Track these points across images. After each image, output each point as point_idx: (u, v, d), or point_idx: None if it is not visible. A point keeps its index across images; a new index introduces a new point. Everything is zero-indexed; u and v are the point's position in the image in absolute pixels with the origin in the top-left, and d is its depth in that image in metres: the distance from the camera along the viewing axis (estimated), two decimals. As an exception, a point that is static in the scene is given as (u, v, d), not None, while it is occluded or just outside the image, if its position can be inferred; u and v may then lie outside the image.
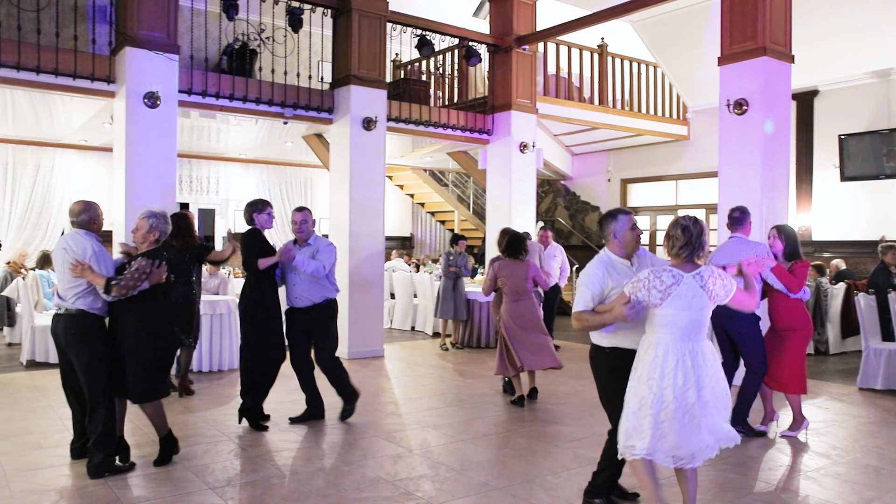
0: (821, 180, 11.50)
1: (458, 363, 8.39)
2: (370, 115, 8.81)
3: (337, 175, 9.12)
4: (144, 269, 4.20)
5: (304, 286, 5.45)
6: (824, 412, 6.20)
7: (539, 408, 6.19)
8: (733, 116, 7.35)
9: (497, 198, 10.79)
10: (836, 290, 9.52)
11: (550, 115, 11.61)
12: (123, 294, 4.13)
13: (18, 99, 8.88)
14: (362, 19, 8.82)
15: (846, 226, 11.21)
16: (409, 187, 16.38)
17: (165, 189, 7.38)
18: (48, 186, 12.06)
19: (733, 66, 7.40)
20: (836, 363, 8.82)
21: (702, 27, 10.85)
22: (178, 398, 6.34)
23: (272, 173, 14.49)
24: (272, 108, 8.72)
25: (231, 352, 7.69)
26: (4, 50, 6.94)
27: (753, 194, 7.15)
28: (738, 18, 7.37)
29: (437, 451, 4.87)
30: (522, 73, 10.68)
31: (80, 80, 7.36)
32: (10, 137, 11.52)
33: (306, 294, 5.46)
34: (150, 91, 7.19)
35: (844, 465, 4.69)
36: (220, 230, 14.09)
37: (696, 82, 12.22)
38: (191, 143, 12.24)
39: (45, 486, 4.07)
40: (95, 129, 10.42)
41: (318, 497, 3.97)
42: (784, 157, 7.48)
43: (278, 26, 9.50)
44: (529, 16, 10.78)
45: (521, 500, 3.96)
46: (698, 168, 12.95)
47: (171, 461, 4.49)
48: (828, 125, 11.33)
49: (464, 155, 12.91)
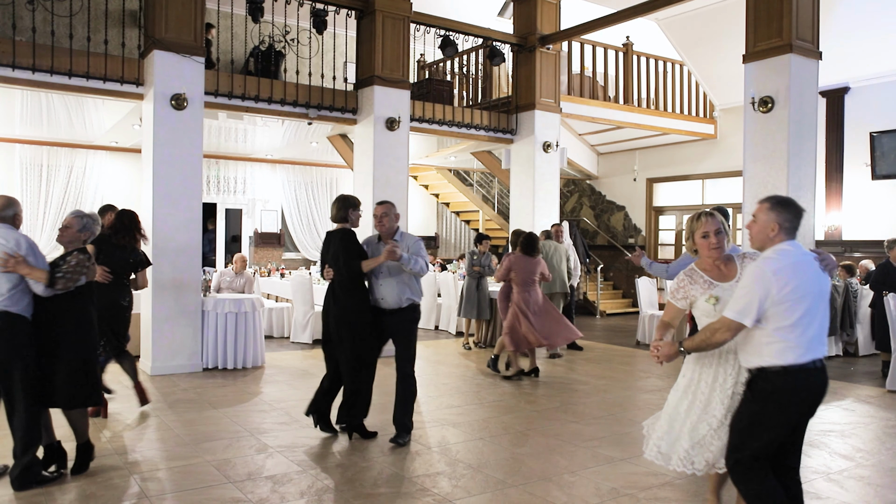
0: (851, 179, 11.28)
1: (480, 362, 8.40)
2: (393, 116, 8.88)
3: (361, 175, 9.20)
4: (83, 263, 4.04)
5: (390, 287, 4.98)
6: (850, 414, 6.10)
7: (559, 407, 6.19)
8: (759, 114, 7.27)
9: (521, 197, 10.79)
10: (865, 291, 9.33)
11: (575, 114, 11.57)
12: (69, 287, 3.95)
13: (53, 102, 9.11)
14: (386, 20, 8.89)
15: (877, 225, 10.98)
16: (434, 187, 16.43)
17: (192, 189, 7.52)
18: (81, 187, 12.34)
19: (758, 64, 7.31)
20: (865, 365, 8.66)
21: (729, 24, 10.71)
22: (140, 406, 5.84)
23: (298, 173, 14.65)
24: (297, 109, 8.82)
25: (255, 349, 7.80)
26: (39, 55, 7.14)
27: (779, 193, 7.04)
28: (764, 15, 7.28)
29: (455, 449, 4.90)
30: (546, 73, 10.67)
31: (110, 83, 7.53)
32: (45, 139, 11.82)
33: (394, 296, 4.98)
34: (177, 93, 7.33)
35: (868, 467, 4.61)
36: (247, 230, 14.29)
37: (723, 80, 12.08)
38: (219, 144, 12.44)
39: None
40: (126, 130, 10.65)
41: (336, 492, 4.03)
42: (811, 155, 7.37)
43: (303, 28, 9.62)
44: (553, 15, 10.77)
45: (537, 497, 3.97)
46: (726, 167, 12.80)
47: (89, 469, 4.27)
48: (859, 122, 11.12)
49: (488, 155, 12.93)
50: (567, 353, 9.12)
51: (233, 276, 8.96)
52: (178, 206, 7.41)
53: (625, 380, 7.56)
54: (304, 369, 7.81)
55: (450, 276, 11.02)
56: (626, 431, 5.38)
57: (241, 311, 7.74)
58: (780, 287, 2.85)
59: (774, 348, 2.89)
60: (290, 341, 9.72)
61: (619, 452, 4.84)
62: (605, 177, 15.21)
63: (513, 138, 10.86)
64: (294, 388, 6.78)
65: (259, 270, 11.64)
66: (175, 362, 7.32)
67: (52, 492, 3.95)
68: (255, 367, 7.77)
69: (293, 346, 9.36)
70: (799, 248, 2.99)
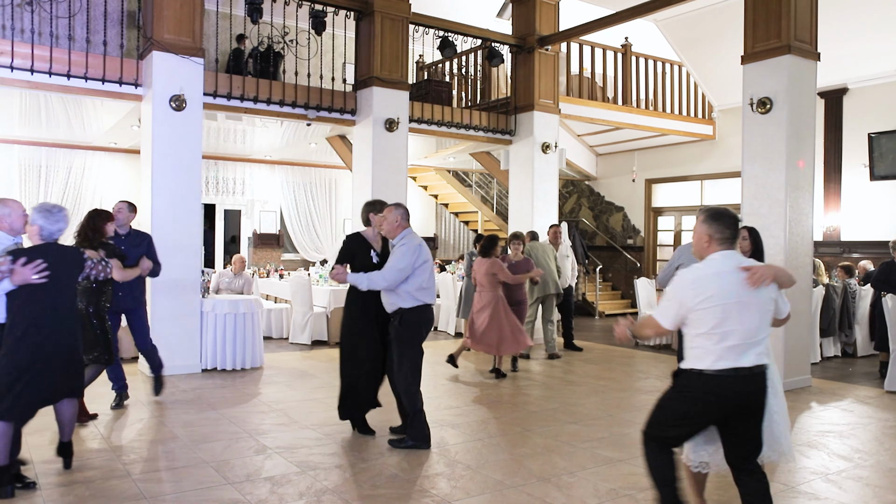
0: (850, 179, 11.29)
1: (478, 363, 8.41)
2: (392, 117, 8.88)
3: (359, 176, 9.20)
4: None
5: (381, 293, 5.00)
6: (849, 415, 6.10)
7: (558, 408, 6.19)
8: (757, 115, 7.27)
9: (519, 198, 10.79)
10: (864, 291, 9.35)
11: (574, 115, 11.58)
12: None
13: (52, 103, 9.11)
14: (385, 21, 8.90)
15: (876, 226, 11.00)
16: (433, 188, 16.43)
17: (191, 190, 7.51)
18: (80, 188, 12.34)
19: (757, 65, 7.31)
20: (863, 365, 8.66)
21: (727, 25, 10.72)
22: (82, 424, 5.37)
23: (297, 174, 14.65)
24: (296, 110, 8.83)
25: (254, 350, 7.80)
26: (38, 56, 7.14)
27: (777, 194, 7.07)
28: (762, 16, 7.28)
29: (453, 450, 4.90)
30: (545, 74, 10.67)
31: (108, 84, 7.53)
32: (44, 140, 11.82)
33: (385, 301, 5.00)
34: (176, 94, 7.33)
35: (867, 468, 4.62)
36: (246, 231, 14.29)
37: (722, 81, 12.10)
38: (217, 145, 12.43)
39: (71, 478, 4.18)
40: (124, 131, 10.64)
41: (335, 493, 4.03)
42: (809, 156, 7.37)
43: (302, 29, 9.62)
44: (552, 16, 10.77)
45: (536, 498, 3.98)
46: (724, 168, 12.81)
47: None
48: (857, 123, 11.13)
49: (487, 156, 12.93)
50: (566, 354, 9.13)
51: (232, 277, 8.96)
52: (177, 206, 7.40)
53: (623, 381, 7.57)
54: (303, 370, 7.81)
55: (449, 277, 11.02)
56: (625, 432, 5.39)
57: (239, 312, 7.74)
58: (695, 295, 3.03)
59: (693, 353, 3.09)
60: (289, 342, 9.72)
61: (617, 453, 4.84)
62: (604, 177, 15.22)
63: (511, 139, 10.87)
64: (293, 390, 6.78)
65: (258, 271, 11.63)
66: (174, 363, 7.30)
67: (50, 493, 3.94)
68: (254, 368, 7.76)
69: (292, 347, 9.36)
70: (727, 259, 3.09)
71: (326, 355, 8.70)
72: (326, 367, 7.92)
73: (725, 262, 3.08)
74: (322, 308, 9.66)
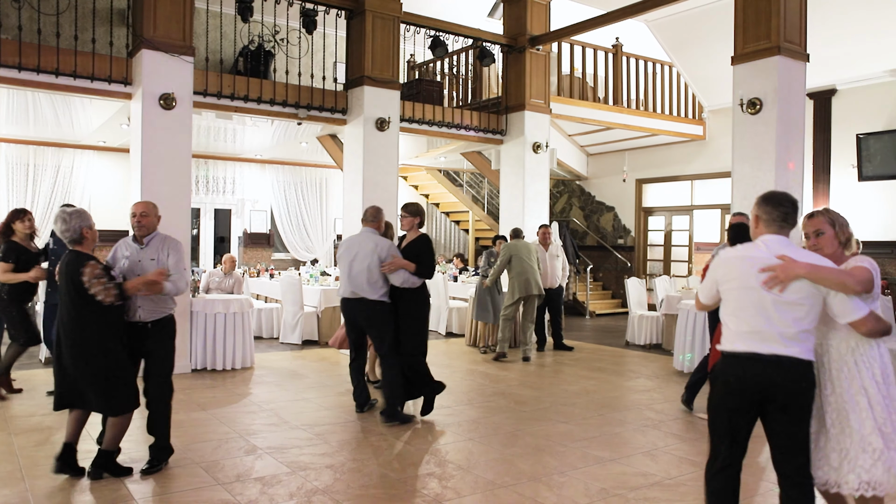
0: (838, 180, 11.36)
1: (470, 363, 8.40)
2: (383, 116, 8.87)
3: (350, 175, 9.18)
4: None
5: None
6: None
7: (549, 408, 6.19)
8: (747, 116, 7.31)
9: (510, 198, 10.80)
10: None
11: (565, 115, 11.60)
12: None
13: (40, 101, 9.03)
14: (376, 20, 8.88)
15: (864, 226, 11.06)
16: (424, 188, 16.42)
17: (180, 189, 7.47)
18: (68, 187, 12.24)
19: (747, 66, 7.36)
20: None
21: (718, 26, 10.76)
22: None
23: (288, 174, 14.60)
24: (287, 109, 8.79)
25: (245, 350, 7.77)
26: (25, 53, 7.08)
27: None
28: (752, 17, 7.32)
29: (444, 450, 4.90)
30: (536, 74, 10.69)
31: (97, 83, 7.47)
32: (31, 139, 11.72)
33: None
34: (166, 93, 7.29)
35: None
36: (236, 230, 14.23)
37: (711, 82, 12.14)
38: (207, 144, 12.37)
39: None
40: (113, 130, 10.57)
41: (326, 493, 4.02)
42: (798, 156, 7.42)
43: (293, 28, 9.59)
44: (543, 16, 10.78)
45: (527, 498, 3.98)
46: (714, 168, 12.87)
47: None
48: (846, 124, 11.20)
49: (478, 155, 12.94)
50: (556, 354, 9.13)
51: (222, 276, 8.91)
52: (166, 206, 7.30)
53: (614, 380, 7.58)
54: (294, 370, 7.78)
55: (439, 277, 11.01)
56: (616, 432, 5.40)
57: (230, 312, 7.71)
58: (724, 274, 3.03)
59: (724, 334, 3.05)
60: (280, 342, 9.68)
61: (608, 453, 4.85)
62: (595, 177, 15.25)
63: (502, 139, 10.88)
64: (283, 390, 6.76)
65: (248, 271, 11.59)
66: (163, 363, 7.26)
67: (37, 495, 3.91)
68: (245, 369, 7.73)
69: (282, 347, 9.33)
70: (766, 244, 2.93)
71: (317, 355, 8.67)
72: (317, 367, 7.89)
73: (758, 247, 2.94)
74: (313, 308, 9.63)
